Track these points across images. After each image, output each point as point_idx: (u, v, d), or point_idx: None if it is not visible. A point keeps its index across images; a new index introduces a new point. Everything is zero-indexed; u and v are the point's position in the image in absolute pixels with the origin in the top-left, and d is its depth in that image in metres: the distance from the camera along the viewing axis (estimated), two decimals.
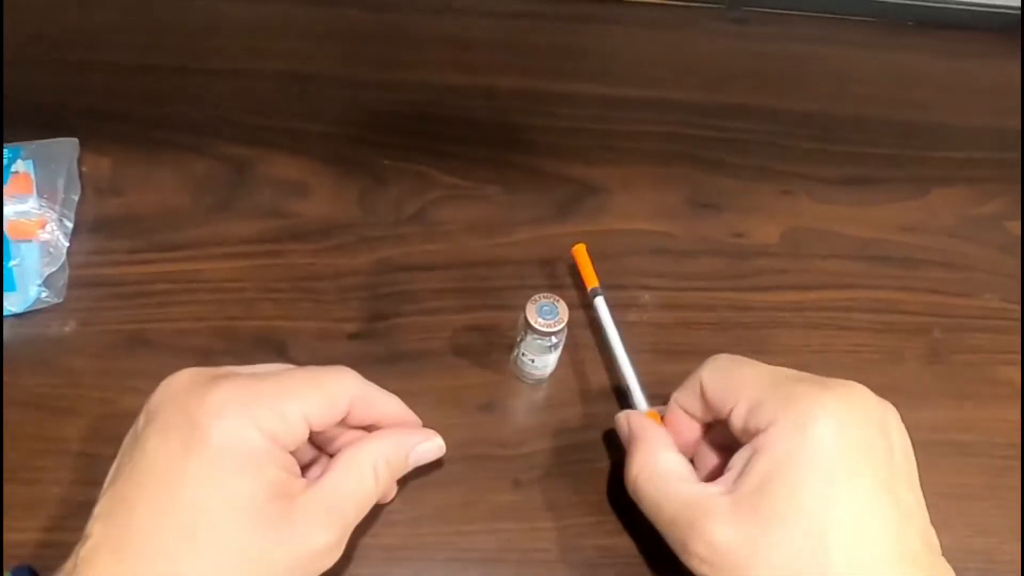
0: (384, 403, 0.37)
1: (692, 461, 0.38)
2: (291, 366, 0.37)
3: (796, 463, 0.31)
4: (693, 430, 0.38)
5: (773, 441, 0.32)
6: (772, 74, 0.60)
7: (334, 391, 0.34)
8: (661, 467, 0.35)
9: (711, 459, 0.38)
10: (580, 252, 0.46)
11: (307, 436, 0.34)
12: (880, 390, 0.46)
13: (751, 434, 0.33)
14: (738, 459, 0.33)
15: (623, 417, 0.39)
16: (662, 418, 0.40)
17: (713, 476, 0.36)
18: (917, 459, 0.44)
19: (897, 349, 0.48)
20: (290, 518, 0.31)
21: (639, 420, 0.38)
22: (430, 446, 0.38)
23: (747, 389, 0.34)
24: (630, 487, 0.36)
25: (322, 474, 0.34)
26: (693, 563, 0.32)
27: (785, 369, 0.36)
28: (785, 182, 0.54)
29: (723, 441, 0.37)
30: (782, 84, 0.59)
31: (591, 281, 0.45)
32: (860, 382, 0.45)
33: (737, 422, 0.34)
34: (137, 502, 0.30)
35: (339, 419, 0.35)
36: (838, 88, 0.60)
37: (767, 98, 0.58)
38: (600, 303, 0.44)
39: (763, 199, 0.53)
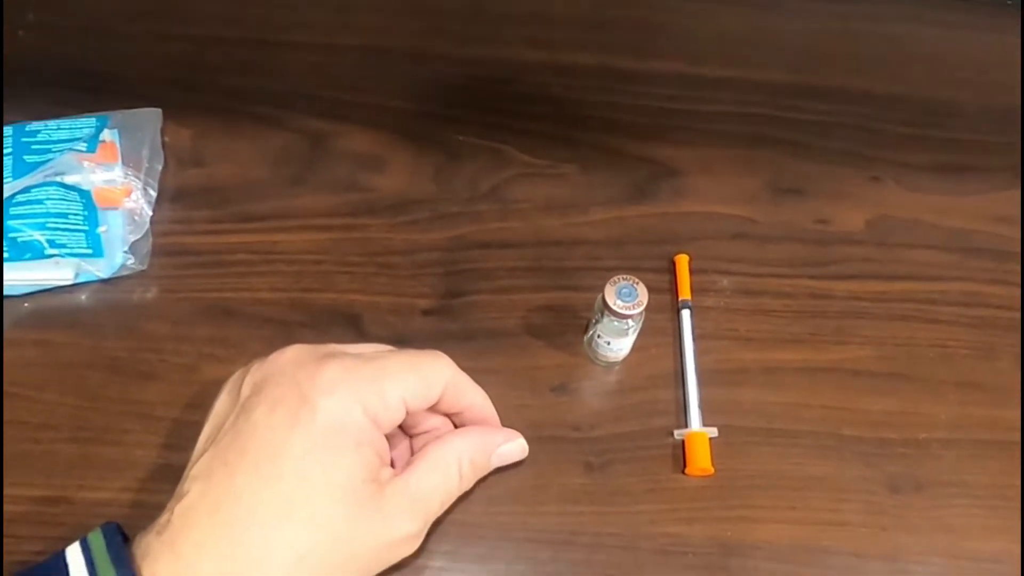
0: (472, 393, 0.37)
1: None
2: (390, 348, 0.38)
3: None
4: None
5: None
6: (861, 55, 0.57)
7: (430, 375, 0.35)
8: None
9: None
10: (681, 262, 0.47)
11: (403, 418, 0.34)
12: (968, 388, 0.44)
13: None
14: None
15: None
16: (711, 439, 0.40)
17: None
18: (1007, 461, 0.42)
19: (988, 345, 0.45)
20: (379, 503, 0.32)
21: None
22: (513, 447, 0.38)
23: None
24: None
25: (408, 465, 0.34)
26: None
27: None
28: (873, 168, 0.52)
29: None
30: (872, 65, 0.57)
31: (684, 293, 0.46)
32: (949, 378, 0.45)
33: None
34: (238, 468, 0.30)
35: (432, 403, 0.35)
36: (931, 71, 0.57)
37: (855, 80, 0.56)
38: (686, 316, 0.45)
39: (849, 185, 0.51)
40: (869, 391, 0.44)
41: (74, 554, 0.30)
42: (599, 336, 0.42)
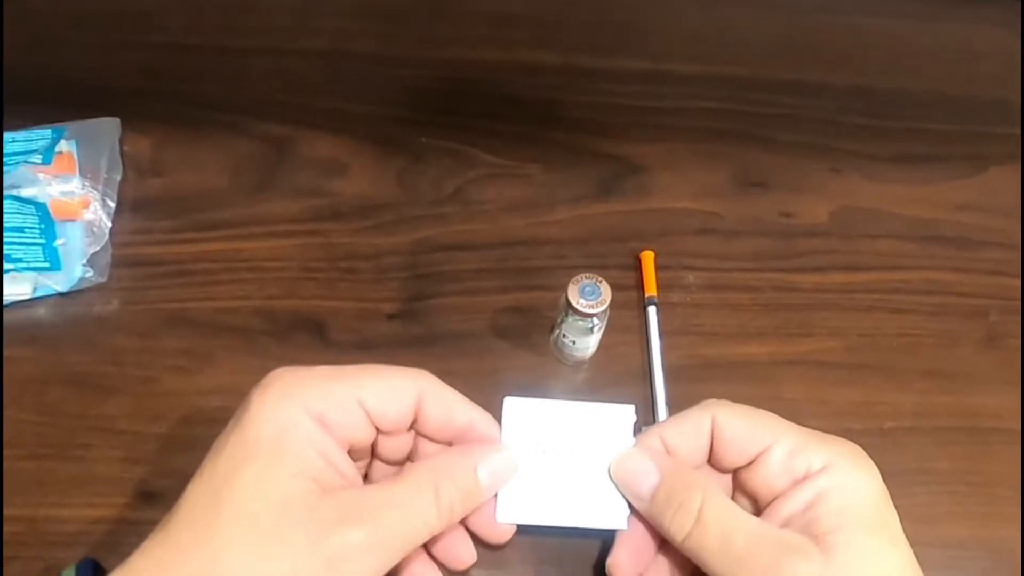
0: (465, 410, 0.33)
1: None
2: None
3: (871, 505, 0.31)
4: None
5: (842, 484, 0.31)
6: (822, 48, 0.58)
7: (398, 381, 0.32)
8: (727, 499, 0.32)
9: None
10: (647, 259, 0.47)
11: (368, 430, 0.32)
12: (934, 376, 0.45)
13: (796, 475, 0.32)
14: (796, 499, 0.31)
15: (643, 457, 0.34)
16: None
17: None
18: (972, 447, 0.43)
19: (952, 333, 0.46)
20: (314, 505, 0.28)
21: (678, 462, 0.34)
22: (499, 459, 0.33)
23: (784, 430, 0.33)
24: (684, 513, 0.31)
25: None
26: None
27: None
28: (835, 159, 0.52)
29: None
30: (832, 58, 0.57)
31: (650, 289, 0.46)
32: (913, 367, 0.45)
33: (775, 462, 0.32)
34: (187, 488, 0.29)
35: (405, 415, 0.32)
36: (892, 62, 0.57)
37: (816, 72, 0.56)
38: (652, 313, 0.45)
39: (812, 177, 0.51)
40: (835, 382, 0.44)
41: None
42: (564, 336, 0.41)
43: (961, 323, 0.46)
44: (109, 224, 0.46)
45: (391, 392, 0.32)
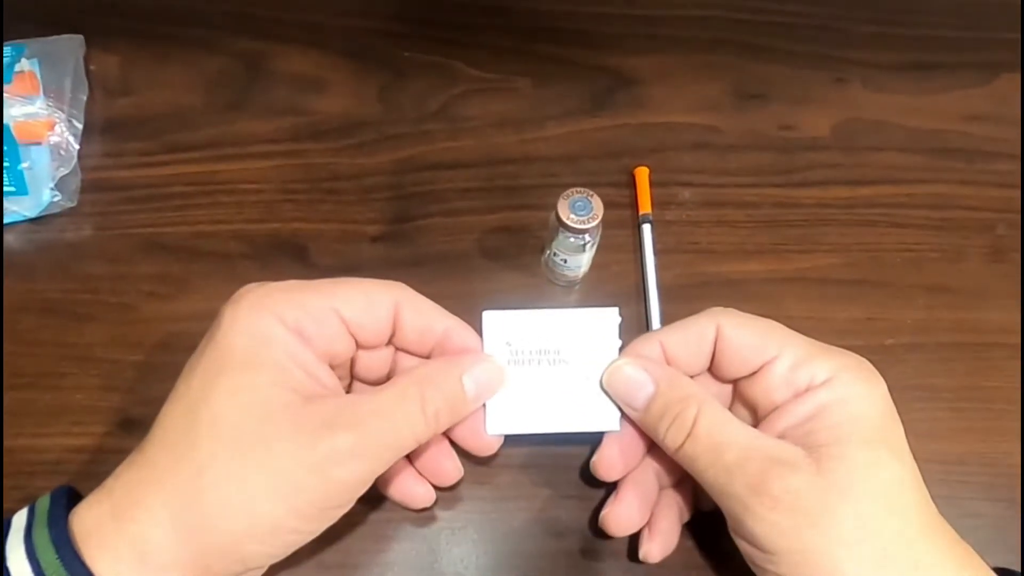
0: (442, 318, 0.32)
1: None
2: None
3: (871, 419, 0.30)
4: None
5: (843, 398, 0.30)
6: None
7: (373, 290, 0.31)
8: (723, 410, 0.31)
9: None
10: (641, 175, 0.45)
11: (347, 342, 0.31)
12: (938, 291, 0.43)
13: (798, 388, 0.31)
14: (795, 412, 0.30)
15: (638, 367, 0.33)
16: None
17: None
18: (973, 362, 0.42)
19: (957, 247, 0.44)
20: (298, 412, 0.28)
21: (674, 373, 0.33)
22: (485, 369, 0.32)
23: (790, 342, 0.32)
24: (679, 425, 0.31)
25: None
26: (765, 505, 0.28)
27: None
28: (838, 69, 0.50)
29: None
30: None
31: (644, 207, 0.44)
32: (916, 282, 0.44)
33: (778, 374, 0.31)
34: (162, 409, 0.29)
35: (383, 326, 0.31)
36: None
37: None
38: (647, 231, 0.43)
39: (814, 88, 0.49)
40: (835, 299, 0.42)
41: (19, 520, 0.28)
42: (555, 254, 0.40)
43: (967, 237, 0.45)
44: (77, 146, 0.44)
45: (367, 302, 0.31)
